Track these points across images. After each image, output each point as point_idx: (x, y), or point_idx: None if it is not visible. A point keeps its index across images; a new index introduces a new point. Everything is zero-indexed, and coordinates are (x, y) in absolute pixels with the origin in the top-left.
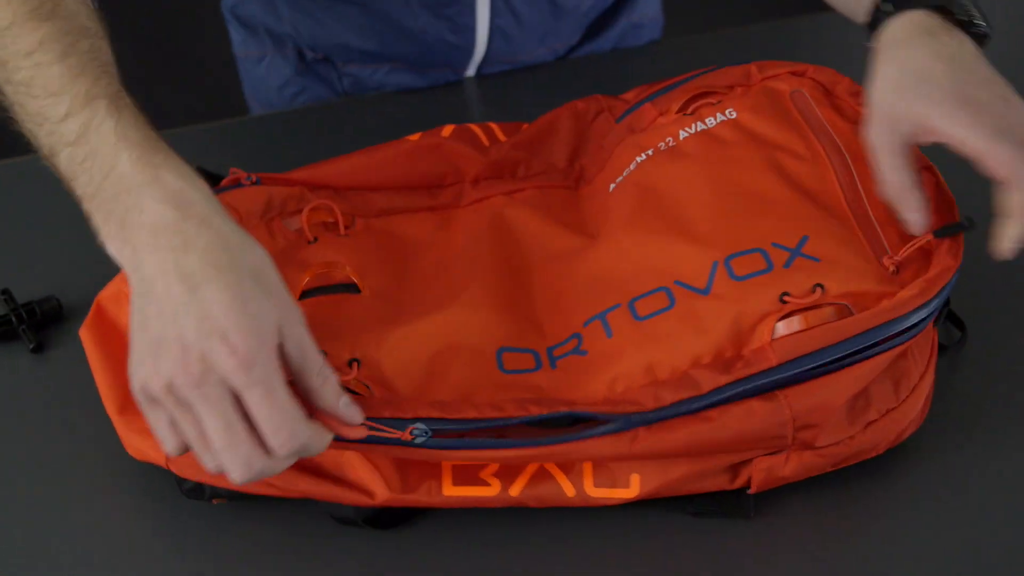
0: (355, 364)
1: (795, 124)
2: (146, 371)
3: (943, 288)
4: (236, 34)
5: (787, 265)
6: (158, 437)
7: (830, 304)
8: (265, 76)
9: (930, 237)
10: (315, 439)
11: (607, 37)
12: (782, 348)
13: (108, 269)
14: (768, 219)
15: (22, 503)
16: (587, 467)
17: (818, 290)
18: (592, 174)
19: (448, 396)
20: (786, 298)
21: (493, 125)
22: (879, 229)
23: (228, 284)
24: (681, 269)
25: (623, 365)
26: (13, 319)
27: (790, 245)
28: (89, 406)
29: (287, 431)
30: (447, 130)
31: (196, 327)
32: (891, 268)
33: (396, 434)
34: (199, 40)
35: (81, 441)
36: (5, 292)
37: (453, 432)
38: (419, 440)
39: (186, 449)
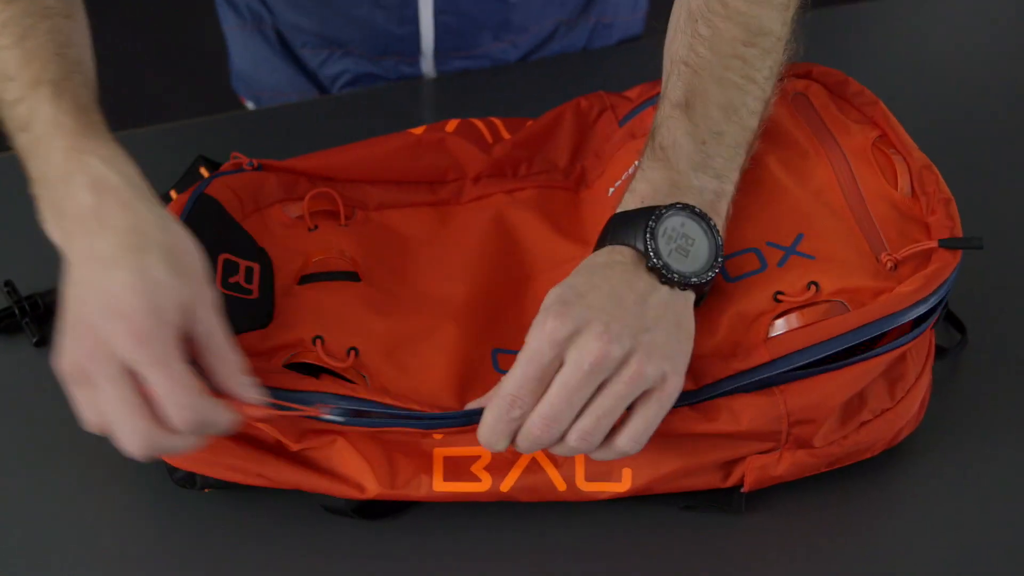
0: (352, 352)
1: (795, 124)
2: (63, 354)
3: (942, 284)
4: (221, 9)
5: (781, 264)
6: (81, 415)
7: (825, 301)
8: (243, 52)
9: (933, 244)
10: (217, 415)
11: (578, 34)
12: (775, 345)
13: None
14: (763, 218)
15: (22, 493)
16: (579, 459)
17: (812, 287)
18: (593, 179)
19: (444, 392)
20: (780, 297)
21: (496, 121)
22: (878, 226)
23: (137, 267)
24: None
25: None
26: (16, 311)
27: (784, 243)
28: None
29: (186, 406)
30: (451, 125)
31: (100, 309)
32: (889, 265)
33: (305, 411)
34: (198, 36)
35: (80, 433)
36: (8, 284)
37: (452, 426)
38: (330, 417)
39: (99, 427)
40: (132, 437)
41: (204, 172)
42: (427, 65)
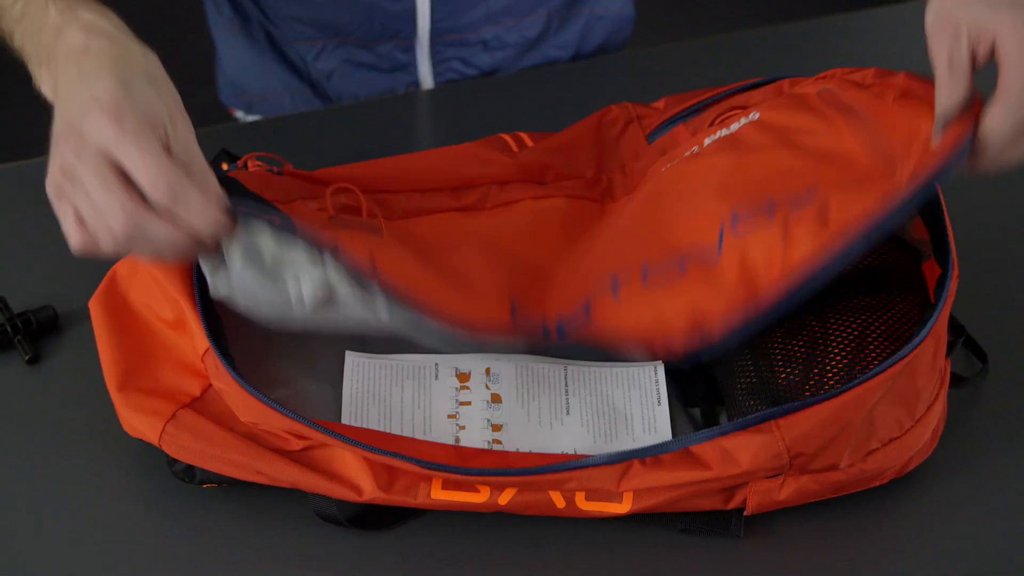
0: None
1: (817, 111)
2: (50, 169)
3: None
4: (211, 15)
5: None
6: (67, 234)
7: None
8: (233, 56)
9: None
10: (198, 197)
11: (571, 28)
12: (791, 270)
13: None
14: (778, 182)
15: (17, 511)
16: (580, 483)
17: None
18: (620, 193)
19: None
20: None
21: (521, 134)
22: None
23: (118, 76)
24: (694, 239)
25: (631, 320)
26: (8, 329)
27: (797, 195)
28: (84, 417)
29: (165, 180)
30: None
31: (81, 108)
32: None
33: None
34: (184, 53)
35: (75, 451)
36: (0, 301)
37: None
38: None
39: (92, 243)
40: (117, 218)
41: (226, 167)
42: (422, 52)
